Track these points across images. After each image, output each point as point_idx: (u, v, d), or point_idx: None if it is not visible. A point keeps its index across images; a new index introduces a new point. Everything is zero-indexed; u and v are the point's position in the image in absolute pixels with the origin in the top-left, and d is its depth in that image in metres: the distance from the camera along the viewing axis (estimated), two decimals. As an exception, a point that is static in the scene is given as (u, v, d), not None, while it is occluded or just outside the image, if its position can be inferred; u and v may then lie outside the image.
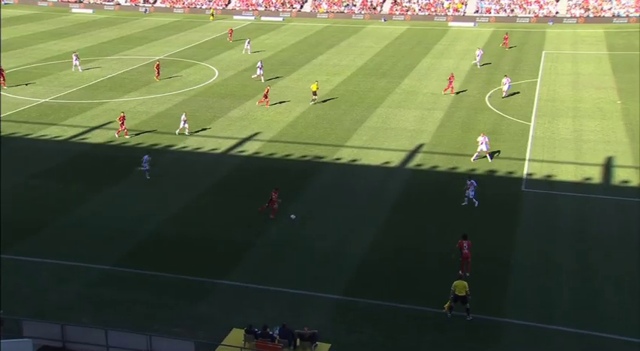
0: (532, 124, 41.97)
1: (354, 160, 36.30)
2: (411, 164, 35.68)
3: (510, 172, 34.23)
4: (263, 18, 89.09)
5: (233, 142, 39.29)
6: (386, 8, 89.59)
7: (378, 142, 39.13)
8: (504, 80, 48.10)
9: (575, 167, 34.89)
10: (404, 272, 24.97)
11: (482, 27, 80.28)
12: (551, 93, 49.05)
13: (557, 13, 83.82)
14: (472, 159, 35.73)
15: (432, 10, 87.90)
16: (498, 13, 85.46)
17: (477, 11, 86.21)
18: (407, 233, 27.91)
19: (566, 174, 34.01)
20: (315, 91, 46.81)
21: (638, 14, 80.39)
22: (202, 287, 24.09)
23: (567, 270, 24.94)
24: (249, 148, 38.34)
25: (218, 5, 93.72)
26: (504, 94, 47.64)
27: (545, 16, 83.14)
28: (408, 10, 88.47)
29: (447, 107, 45.82)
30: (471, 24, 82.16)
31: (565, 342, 20.79)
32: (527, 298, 23.17)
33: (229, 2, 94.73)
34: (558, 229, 28.21)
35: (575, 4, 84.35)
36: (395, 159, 36.30)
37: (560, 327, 21.39)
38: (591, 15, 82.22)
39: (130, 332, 20.67)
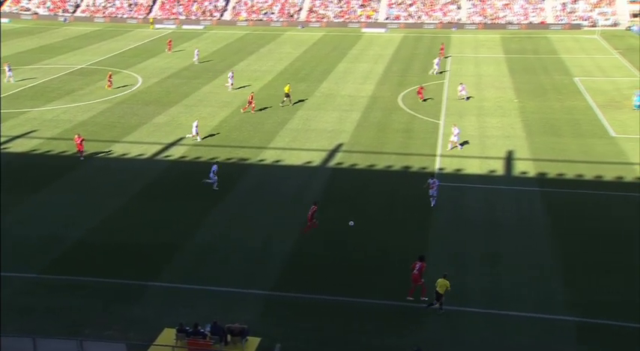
0: (441, 122, 45.04)
1: (278, 161, 37.92)
2: (332, 163, 37.61)
3: (423, 168, 36.56)
4: (184, 26, 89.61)
5: (159, 147, 40.06)
6: (303, 16, 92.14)
7: (300, 143, 40.97)
8: (460, 87, 51.12)
9: (480, 161, 37.75)
10: (329, 266, 26.10)
11: (393, 32, 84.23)
12: (458, 93, 52.54)
13: (459, 19, 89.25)
14: (448, 148, 38.88)
15: (346, 17, 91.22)
16: (407, 19, 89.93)
17: (387, 18, 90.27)
18: (330, 229, 29.09)
19: (473, 168, 36.65)
20: (287, 93, 48.23)
21: (527, 21, 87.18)
22: (133, 290, 24.23)
23: (477, 257, 26.93)
24: (175, 152, 39.16)
25: (139, 14, 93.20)
26: (464, 98, 50.42)
27: (449, 23, 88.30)
28: (323, 18, 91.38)
29: (364, 108, 48.41)
30: (383, 30, 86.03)
31: (476, 321, 22.77)
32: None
33: (150, 11, 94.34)
34: (468, 220, 30.31)
35: (474, 12, 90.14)
36: (316, 159, 38.17)
37: (472, 309, 23.39)
38: (489, 22, 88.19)
39: (59, 338, 20.27)
